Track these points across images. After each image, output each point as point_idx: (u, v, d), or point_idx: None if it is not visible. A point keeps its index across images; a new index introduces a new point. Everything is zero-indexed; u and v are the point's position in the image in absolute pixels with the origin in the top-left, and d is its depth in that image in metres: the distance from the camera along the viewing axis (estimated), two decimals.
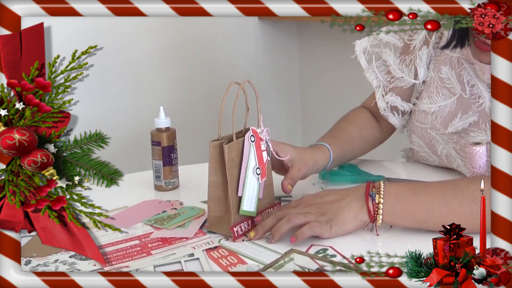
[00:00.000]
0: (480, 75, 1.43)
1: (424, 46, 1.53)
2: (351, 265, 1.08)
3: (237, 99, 1.26)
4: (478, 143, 1.37)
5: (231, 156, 1.27)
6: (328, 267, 1.13)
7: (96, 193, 1.12)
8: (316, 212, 1.25)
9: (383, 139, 1.69)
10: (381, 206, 1.22)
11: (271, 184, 1.36)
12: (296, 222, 1.24)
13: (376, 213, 1.22)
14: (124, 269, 1.19)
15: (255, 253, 1.24)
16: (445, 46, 1.46)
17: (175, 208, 1.44)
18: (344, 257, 1.18)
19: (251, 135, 1.30)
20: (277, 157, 1.39)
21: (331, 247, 1.23)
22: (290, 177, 1.40)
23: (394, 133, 1.70)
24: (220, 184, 1.29)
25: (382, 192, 1.22)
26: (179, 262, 1.21)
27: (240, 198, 1.28)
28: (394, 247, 1.19)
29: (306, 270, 1.15)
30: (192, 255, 1.24)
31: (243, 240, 1.29)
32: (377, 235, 1.25)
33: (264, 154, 1.32)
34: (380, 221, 1.23)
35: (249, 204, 1.29)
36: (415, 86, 1.57)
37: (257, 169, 1.30)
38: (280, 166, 1.45)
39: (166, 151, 1.53)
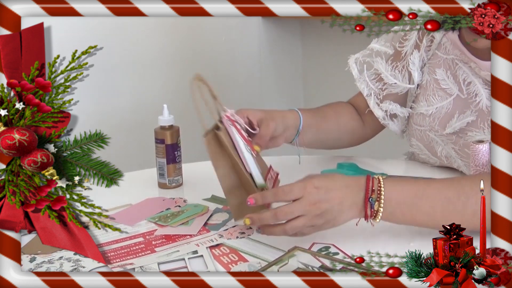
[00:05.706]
0: (477, 71, 1.42)
1: (415, 51, 1.54)
2: (354, 262, 1.08)
3: (198, 93, 1.30)
4: (481, 141, 1.36)
5: (228, 139, 1.28)
6: (334, 264, 1.13)
7: (100, 191, 1.12)
8: (315, 214, 1.20)
9: (367, 135, 1.68)
10: (379, 214, 1.20)
11: (259, 154, 1.36)
12: (290, 233, 1.22)
13: (374, 218, 1.21)
14: (128, 267, 1.19)
15: (256, 250, 1.24)
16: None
17: (179, 206, 1.45)
18: (347, 255, 1.18)
19: (227, 120, 1.31)
20: (248, 120, 1.41)
21: (333, 245, 1.23)
22: (259, 135, 1.40)
23: (396, 138, 1.69)
24: (228, 173, 1.30)
25: (382, 199, 1.20)
26: (183, 259, 1.22)
27: (251, 175, 1.28)
28: (394, 247, 1.19)
29: (310, 268, 1.15)
30: (196, 252, 1.24)
31: (237, 237, 1.29)
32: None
33: (242, 132, 1.33)
34: (378, 221, 1.21)
35: (259, 178, 1.29)
36: (410, 90, 1.57)
37: (247, 146, 1.30)
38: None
39: (170, 149, 1.53)
